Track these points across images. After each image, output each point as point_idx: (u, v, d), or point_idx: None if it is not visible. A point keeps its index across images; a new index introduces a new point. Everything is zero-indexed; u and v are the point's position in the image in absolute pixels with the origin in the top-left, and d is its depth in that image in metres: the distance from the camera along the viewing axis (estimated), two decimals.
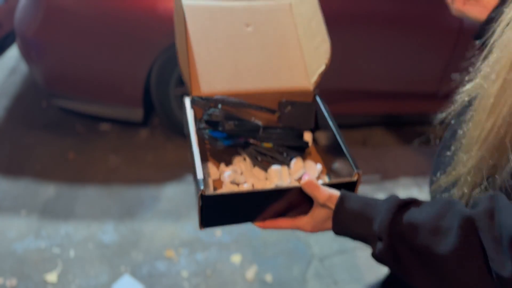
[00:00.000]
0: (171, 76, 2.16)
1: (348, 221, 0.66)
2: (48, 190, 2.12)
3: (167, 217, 2.03)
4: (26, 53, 2.18)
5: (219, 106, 0.85)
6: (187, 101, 0.88)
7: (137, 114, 2.28)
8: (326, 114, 0.85)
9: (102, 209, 2.05)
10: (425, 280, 0.57)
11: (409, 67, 2.27)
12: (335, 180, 0.76)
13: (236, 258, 1.87)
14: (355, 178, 0.72)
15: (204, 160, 0.84)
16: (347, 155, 0.75)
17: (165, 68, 2.13)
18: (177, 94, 2.24)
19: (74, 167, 2.25)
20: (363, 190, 2.17)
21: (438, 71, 2.27)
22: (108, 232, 1.95)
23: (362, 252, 1.92)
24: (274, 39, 0.96)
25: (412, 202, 0.62)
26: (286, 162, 0.86)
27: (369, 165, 2.36)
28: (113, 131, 2.47)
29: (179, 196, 2.13)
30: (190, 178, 2.22)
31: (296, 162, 0.86)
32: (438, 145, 0.78)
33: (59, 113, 2.56)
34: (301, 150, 0.89)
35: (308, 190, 0.69)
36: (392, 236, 0.59)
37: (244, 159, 0.87)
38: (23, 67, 2.88)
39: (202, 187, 0.67)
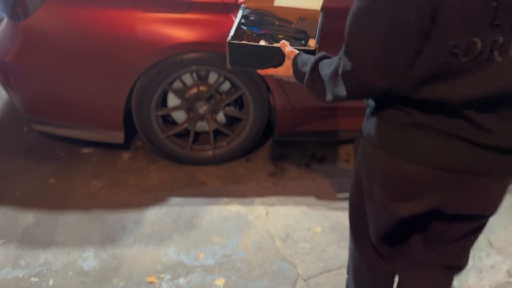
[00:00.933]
0: (152, 98, 2.15)
1: (298, 66, 1.14)
2: (27, 217, 2.08)
3: (149, 241, 1.99)
4: (4, 79, 2.16)
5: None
6: (240, 11, 1.59)
7: (118, 137, 2.26)
8: (319, 23, 1.52)
9: (83, 235, 2.01)
10: (322, 89, 1.03)
11: None
12: (302, 48, 1.29)
13: (219, 282, 1.84)
14: (313, 48, 1.30)
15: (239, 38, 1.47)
16: (317, 36, 1.44)
17: (145, 90, 2.12)
18: (158, 115, 2.24)
19: (55, 193, 2.22)
20: None
21: None
22: (88, 259, 1.91)
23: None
24: None
25: (326, 56, 1.07)
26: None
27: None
28: (94, 154, 2.45)
29: (162, 219, 2.10)
30: (173, 200, 2.19)
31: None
32: None
33: (40, 138, 2.53)
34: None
35: (282, 47, 1.20)
36: (312, 71, 1.05)
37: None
38: (2, 92, 2.86)
39: (229, 37, 1.33)
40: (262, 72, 1.27)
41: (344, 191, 2.29)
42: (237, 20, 1.51)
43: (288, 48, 1.19)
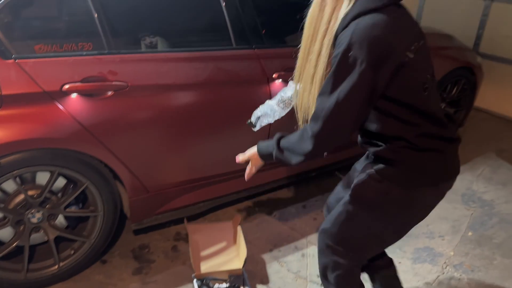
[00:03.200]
0: None
1: (263, 153, 1.46)
2: None
3: None
4: None
5: None
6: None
7: None
8: None
9: None
10: (290, 158, 1.33)
11: (238, 147, 2.28)
12: None
13: None
14: None
15: None
16: None
17: None
18: None
19: None
20: None
21: None
22: None
23: None
24: None
25: (284, 135, 1.37)
26: None
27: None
28: None
29: None
30: None
31: None
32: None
33: None
34: None
35: (238, 160, 1.61)
36: (278, 147, 1.36)
37: None
38: None
39: None
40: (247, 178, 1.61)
41: None
42: None
43: (242, 155, 1.56)
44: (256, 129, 1.72)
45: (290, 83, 1.56)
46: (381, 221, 1.35)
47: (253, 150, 1.50)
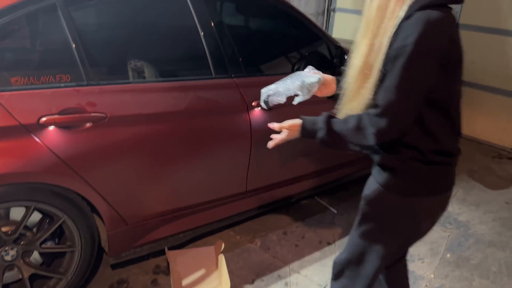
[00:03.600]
0: None
1: (307, 126, 1.39)
2: None
3: None
4: None
5: None
6: None
7: None
8: None
9: None
10: (342, 143, 1.30)
11: (218, 175, 2.27)
12: None
13: None
14: None
15: None
16: None
17: None
18: None
19: None
20: None
21: (243, 173, 2.34)
22: None
23: None
24: None
25: (331, 115, 1.34)
26: None
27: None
28: None
29: None
30: None
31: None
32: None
33: None
34: None
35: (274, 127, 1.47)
36: (328, 128, 1.31)
37: None
38: None
39: None
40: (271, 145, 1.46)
41: None
42: None
43: (279, 124, 1.43)
44: (267, 107, 1.50)
45: (308, 69, 1.51)
46: (392, 232, 1.38)
47: (294, 122, 1.41)
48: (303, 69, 1.54)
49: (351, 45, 1.33)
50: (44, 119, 1.68)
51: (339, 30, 5.20)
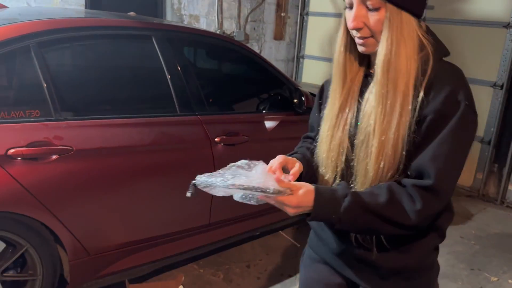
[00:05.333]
0: None
1: (325, 197, 0.98)
2: None
3: None
4: None
5: None
6: None
7: None
8: None
9: None
10: (378, 224, 0.97)
11: (182, 208, 2.37)
12: None
13: None
14: None
15: None
16: None
17: None
18: None
19: None
20: None
21: (206, 205, 2.45)
22: None
23: None
24: None
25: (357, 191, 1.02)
26: None
27: None
28: None
29: None
30: None
31: None
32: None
33: None
34: None
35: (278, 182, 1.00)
36: (355, 200, 0.97)
37: None
38: None
39: None
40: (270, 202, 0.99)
41: None
42: None
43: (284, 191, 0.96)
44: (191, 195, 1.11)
45: (241, 163, 1.06)
46: None
47: (304, 199, 0.96)
48: (264, 109, 1.36)
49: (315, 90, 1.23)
50: (12, 151, 1.78)
51: (307, 75, 5.50)
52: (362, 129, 1.02)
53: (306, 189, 0.97)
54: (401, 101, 0.96)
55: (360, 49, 1.03)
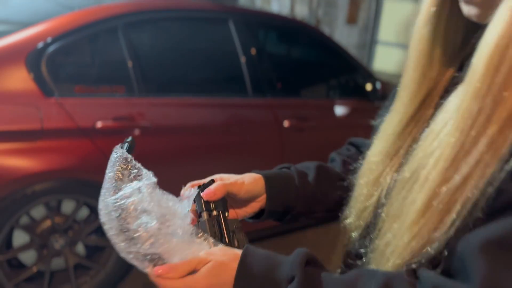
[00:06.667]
0: None
1: (254, 271, 0.58)
2: None
3: None
4: None
5: None
6: None
7: None
8: None
9: None
10: None
11: None
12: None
13: None
14: None
15: None
16: None
17: None
18: (2, 261, 1.87)
19: None
20: None
21: None
22: None
23: None
24: None
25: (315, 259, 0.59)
26: None
27: None
28: None
29: None
30: None
31: None
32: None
33: None
34: None
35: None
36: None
37: None
38: None
39: None
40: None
41: None
42: None
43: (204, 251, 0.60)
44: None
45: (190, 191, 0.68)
46: None
47: (216, 279, 0.59)
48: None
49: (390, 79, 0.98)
50: (99, 123, 1.91)
51: (380, 62, 5.32)
52: (413, 162, 0.58)
53: (224, 260, 0.58)
54: (498, 133, 0.47)
55: (466, 10, 0.55)
